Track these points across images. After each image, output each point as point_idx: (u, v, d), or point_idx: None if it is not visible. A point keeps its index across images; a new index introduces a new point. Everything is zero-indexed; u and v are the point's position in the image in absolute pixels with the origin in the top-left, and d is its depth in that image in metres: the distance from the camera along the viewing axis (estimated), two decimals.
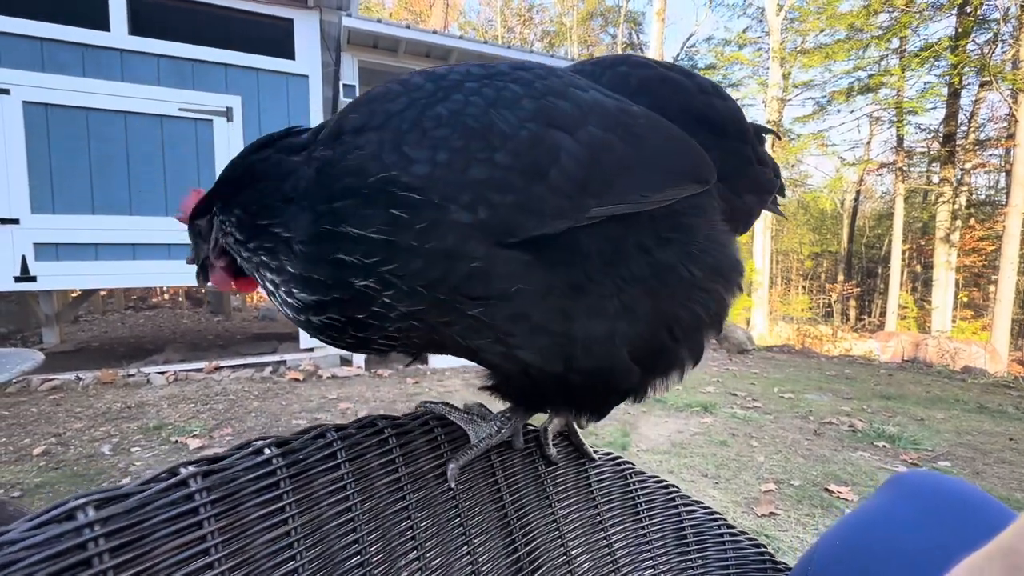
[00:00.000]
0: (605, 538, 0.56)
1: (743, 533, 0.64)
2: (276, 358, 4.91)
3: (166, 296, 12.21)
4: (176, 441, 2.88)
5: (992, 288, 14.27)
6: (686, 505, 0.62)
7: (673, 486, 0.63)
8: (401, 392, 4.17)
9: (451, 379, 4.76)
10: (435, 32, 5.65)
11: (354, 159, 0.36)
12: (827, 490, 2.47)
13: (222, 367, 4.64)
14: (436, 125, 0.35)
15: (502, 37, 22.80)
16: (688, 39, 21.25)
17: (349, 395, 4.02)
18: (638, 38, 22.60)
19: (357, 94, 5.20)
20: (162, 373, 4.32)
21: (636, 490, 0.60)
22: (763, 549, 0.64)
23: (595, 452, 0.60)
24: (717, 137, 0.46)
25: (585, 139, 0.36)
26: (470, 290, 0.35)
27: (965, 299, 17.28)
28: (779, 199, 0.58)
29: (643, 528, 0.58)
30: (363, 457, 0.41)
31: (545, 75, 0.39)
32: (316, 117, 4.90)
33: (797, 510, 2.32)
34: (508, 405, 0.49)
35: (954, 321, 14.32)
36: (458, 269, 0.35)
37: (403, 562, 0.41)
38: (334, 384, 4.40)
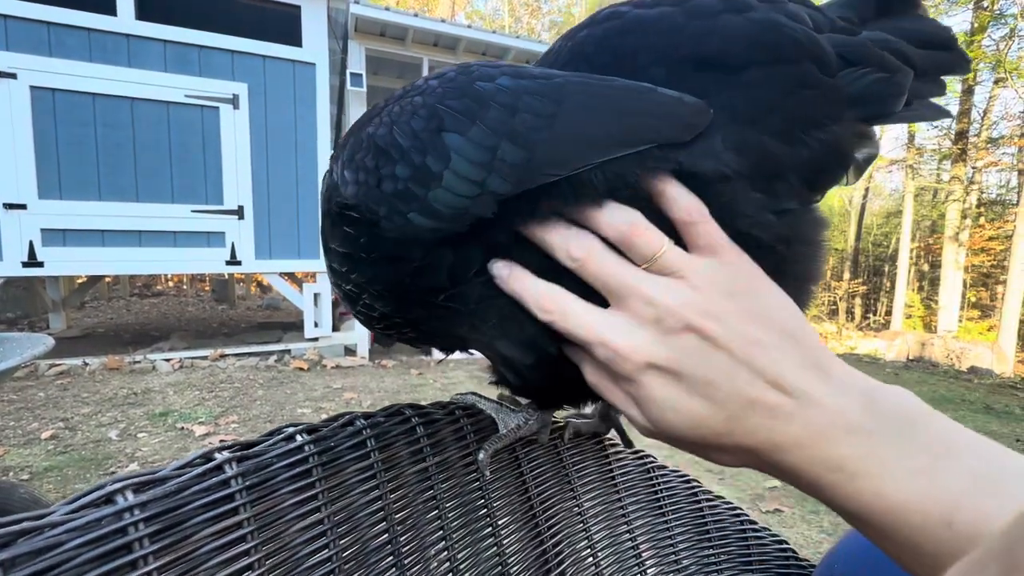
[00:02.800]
0: (628, 531, 0.55)
1: (765, 529, 0.63)
2: (281, 347, 4.94)
3: (171, 283, 12.27)
4: (182, 428, 2.90)
5: (1000, 288, 14.18)
6: (708, 500, 0.62)
7: (695, 480, 0.63)
8: (405, 383, 4.19)
9: (455, 371, 4.77)
10: (443, 21, 5.60)
11: (328, 184, 0.43)
12: None
13: (227, 355, 4.66)
14: (358, 149, 0.39)
15: (510, 27, 22.60)
16: None
17: (354, 385, 4.04)
18: None
19: (364, 83, 5.17)
20: (168, 360, 4.35)
21: (659, 484, 0.60)
22: (786, 545, 0.63)
23: (616, 445, 0.59)
24: (734, 73, 0.34)
25: (477, 136, 0.35)
26: (425, 283, 0.37)
27: (973, 299, 17.17)
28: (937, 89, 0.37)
29: (666, 522, 0.58)
30: (392, 446, 0.40)
31: (454, 76, 0.38)
32: (322, 105, 4.88)
33: (802, 507, 2.32)
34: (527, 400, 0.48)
35: (961, 321, 14.25)
36: (405, 269, 0.37)
37: (432, 552, 0.40)
38: (338, 374, 4.42)
